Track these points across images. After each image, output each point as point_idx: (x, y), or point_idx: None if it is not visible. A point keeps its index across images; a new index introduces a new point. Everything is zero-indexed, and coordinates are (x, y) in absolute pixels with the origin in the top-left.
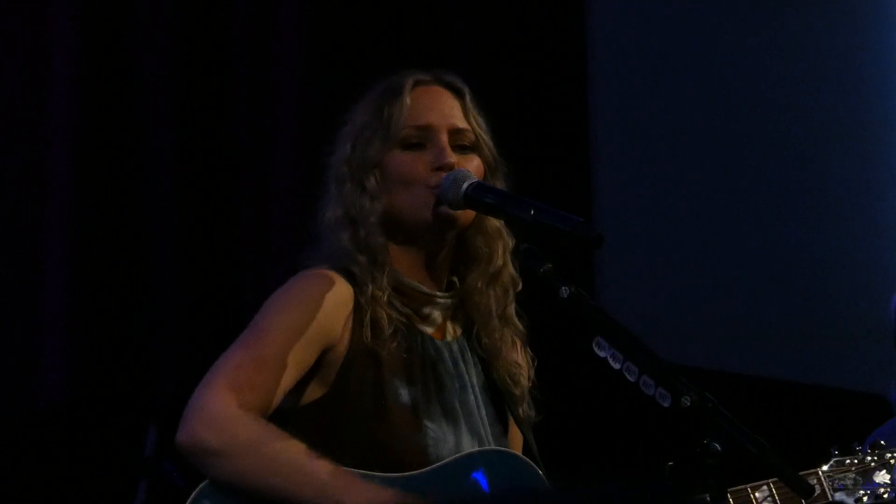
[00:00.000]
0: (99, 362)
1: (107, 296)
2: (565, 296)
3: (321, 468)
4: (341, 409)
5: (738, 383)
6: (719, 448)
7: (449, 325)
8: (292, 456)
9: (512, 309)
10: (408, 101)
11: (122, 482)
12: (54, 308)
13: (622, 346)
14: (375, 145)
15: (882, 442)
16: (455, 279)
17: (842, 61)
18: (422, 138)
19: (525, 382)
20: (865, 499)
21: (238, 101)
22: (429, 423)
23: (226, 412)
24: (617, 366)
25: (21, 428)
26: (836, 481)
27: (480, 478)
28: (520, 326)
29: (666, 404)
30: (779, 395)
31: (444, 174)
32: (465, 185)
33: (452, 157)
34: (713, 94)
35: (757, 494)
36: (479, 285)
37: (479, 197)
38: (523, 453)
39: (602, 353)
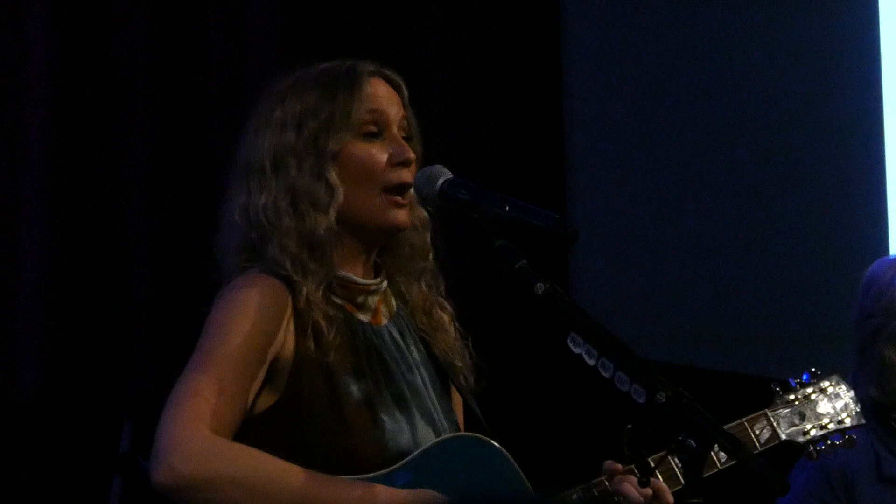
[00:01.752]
0: (73, 357)
1: (81, 290)
2: (540, 292)
3: (335, 488)
4: (296, 415)
5: (713, 379)
6: (694, 444)
7: (382, 309)
8: (289, 478)
9: (442, 291)
10: (368, 90)
11: (97, 478)
12: (28, 303)
13: (597, 342)
14: (333, 134)
15: (817, 370)
16: (378, 260)
17: (823, 62)
18: (379, 128)
19: (464, 356)
20: (813, 432)
21: (213, 98)
22: (384, 416)
23: (201, 443)
24: (592, 362)
25: None
26: (784, 420)
27: (453, 471)
28: (448, 306)
29: (641, 400)
30: (755, 391)
31: (402, 170)
32: (440, 182)
33: (411, 153)
34: (690, 91)
35: (755, 428)
36: (411, 276)
37: (454, 193)
38: (467, 421)
39: (577, 349)
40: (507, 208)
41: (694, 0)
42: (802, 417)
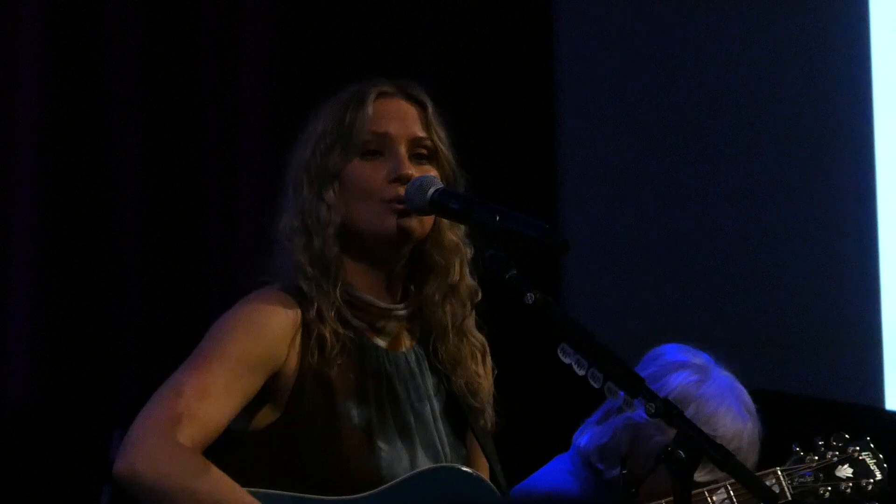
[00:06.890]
0: (63, 367)
1: (72, 300)
2: (531, 302)
3: None
4: (293, 435)
5: None
6: (684, 455)
7: (405, 335)
8: (222, 496)
9: (471, 321)
10: (370, 111)
11: (87, 487)
12: (18, 313)
13: (587, 351)
14: (336, 154)
15: (846, 434)
16: (411, 287)
17: (815, 66)
18: (380, 146)
19: (486, 393)
20: (827, 495)
21: (205, 106)
22: (382, 444)
23: (163, 447)
24: (581, 372)
25: None
26: (796, 479)
27: (429, 496)
28: (480, 338)
29: None
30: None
31: (400, 186)
32: (430, 191)
33: (410, 169)
34: (683, 98)
35: (714, 498)
36: (436, 298)
37: (444, 202)
38: (481, 463)
39: (567, 360)
40: (497, 218)
41: (686, 7)
42: (817, 479)
